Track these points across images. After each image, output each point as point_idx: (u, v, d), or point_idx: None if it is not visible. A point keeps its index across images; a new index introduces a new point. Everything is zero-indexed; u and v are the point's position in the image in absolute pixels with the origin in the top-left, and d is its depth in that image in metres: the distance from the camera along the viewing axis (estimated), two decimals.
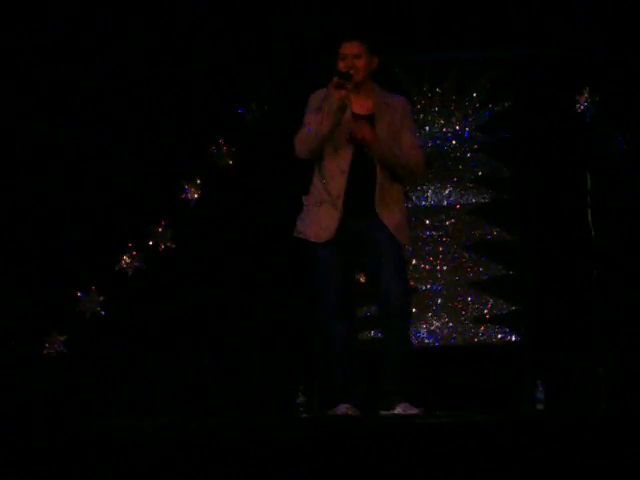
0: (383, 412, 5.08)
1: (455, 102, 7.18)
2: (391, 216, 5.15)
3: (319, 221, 5.15)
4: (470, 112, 7.18)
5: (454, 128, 7.16)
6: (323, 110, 5.06)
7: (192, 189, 6.83)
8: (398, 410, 5.04)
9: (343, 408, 5.11)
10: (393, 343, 5.14)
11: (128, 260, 6.72)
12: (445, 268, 7.08)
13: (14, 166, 6.67)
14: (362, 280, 6.04)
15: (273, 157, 6.83)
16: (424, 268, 7.06)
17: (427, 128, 7.15)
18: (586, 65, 6.75)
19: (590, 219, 6.73)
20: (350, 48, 5.15)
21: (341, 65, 5.12)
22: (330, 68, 5.94)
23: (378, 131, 5.13)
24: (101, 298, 6.69)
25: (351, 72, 5.06)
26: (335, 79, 5.04)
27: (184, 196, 6.82)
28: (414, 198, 7.08)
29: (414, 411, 5.02)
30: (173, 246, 6.78)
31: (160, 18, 6.81)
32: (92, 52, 6.76)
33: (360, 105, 5.20)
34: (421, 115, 7.12)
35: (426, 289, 7.04)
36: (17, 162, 6.67)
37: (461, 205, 7.12)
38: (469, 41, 6.92)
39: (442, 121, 7.15)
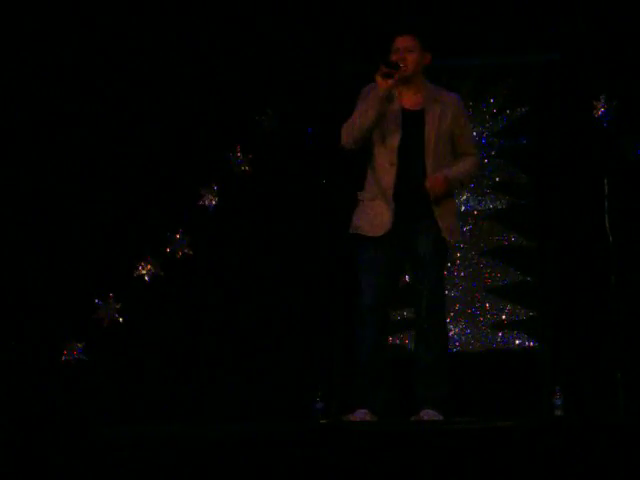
0: (411, 418, 5.08)
1: (472, 108, 7.17)
2: (445, 213, 5.19)
3: (374, 216, 5.16)
4: (487, 118, 7.17)
5: None
6: (369, 99, 5.09)
7: (209, 196, 6.84)
8: (421, 416, 5.04)
9: (361, 413, 5.10)
10: (425, 350, 5.16)
11: (146, 267, 6.72)
12: (463, 274, 7.07)
13: (32, 172, 6.68)
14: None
15: (289, 163, 6.84)
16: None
17: None
18: (603, 70, 6.73)
19: (608, 224, 6.70)
20: (403, 42, 5.19)
21: (393, 58, 5.15)
22: (348, 73, 5.96)
23: (427, 126, 5.14)
24: (119, 305, 6.70)
25: (400, 64, 5.08)
26: (383, 68, 5.06)
27: (202, 203, 6.83)
28: None
29: (437, 418, 5.01)
30: (191, 253, 6.78)
31: (179, 25, 6.82)
32: (113, 59, 6.77)
33: (410, 100, 5.23)
34: None
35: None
36: (35, 168, 6.69)
37: (479, 211, 7.11)
38: (486, 47, 6.92)
39: None
